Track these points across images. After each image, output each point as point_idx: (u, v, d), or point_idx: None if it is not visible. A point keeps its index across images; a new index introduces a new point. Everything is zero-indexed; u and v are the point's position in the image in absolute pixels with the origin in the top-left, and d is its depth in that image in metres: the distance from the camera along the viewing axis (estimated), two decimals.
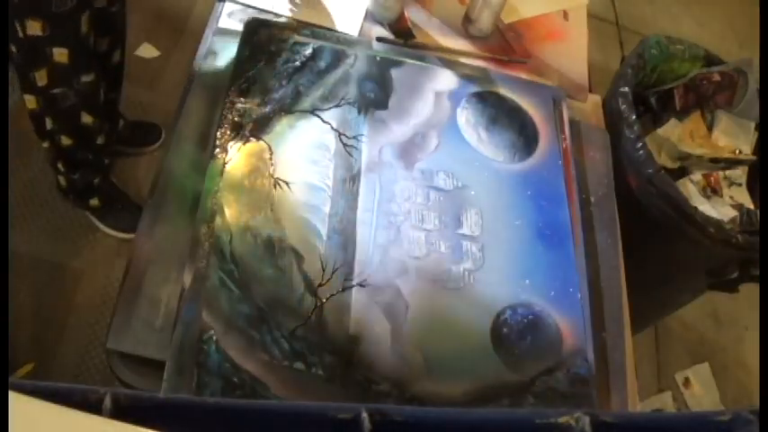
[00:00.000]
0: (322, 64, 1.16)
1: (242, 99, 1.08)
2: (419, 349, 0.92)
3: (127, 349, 0.88)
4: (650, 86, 1.67)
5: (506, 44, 1.36)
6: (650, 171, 1.39)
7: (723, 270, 1.50)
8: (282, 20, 1.24)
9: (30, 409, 0.37)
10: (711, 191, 1.53)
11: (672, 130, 1.61)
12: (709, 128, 1.63)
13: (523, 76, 1.30)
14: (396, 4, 1.30)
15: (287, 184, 1.02)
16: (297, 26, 1.23)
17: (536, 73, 1.32)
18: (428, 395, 0.88)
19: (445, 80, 1.21)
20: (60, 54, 1.33)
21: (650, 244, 1.44)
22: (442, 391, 0.89)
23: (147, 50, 2.18)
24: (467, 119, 1.18)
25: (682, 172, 1.58)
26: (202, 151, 1.05)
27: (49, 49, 1.32)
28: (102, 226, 1.81)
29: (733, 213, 1.48)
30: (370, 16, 1.31)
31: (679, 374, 2.02)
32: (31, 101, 1.45)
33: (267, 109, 1.08)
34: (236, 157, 1.02)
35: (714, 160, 1.56)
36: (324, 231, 0.98)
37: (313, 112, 1.10)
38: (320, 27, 1.25)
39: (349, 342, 0.90)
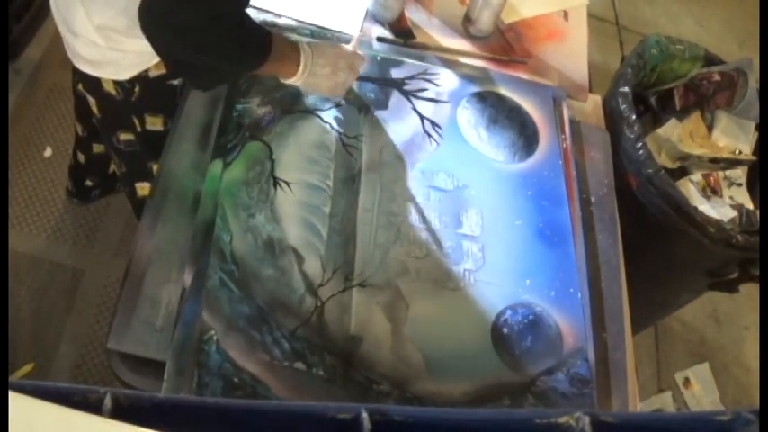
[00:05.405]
0: None
1: (242, 99, 1.08)
2: (419, 349, 0.92)
3: (127, 349, 0.88)
4: (650, 86, 1.67)
5: (506, 44, 1.36)
6: (650, 171, 1.39)
7: (723, 270, 1.49)
8: (283, 20, 1.24)
9: (30, 409, 0.37)
10: (711, 191, 1.53)
11: (672, 130, 1.61)
12: (709, 128, 1.63)
13: (524, 76, 1.30)
14: (396, 4, 1.30)
15: (287, 184, 1.02)
16: (297, 26, 1.23)
17: (536, 73, 1.32)
18: (428, 395, 0.88)
19: (445, 80, 1.21)
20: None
21: (650, 244, 1.44)
22: (442, 390, 0.89)
23: None
24: (467, 119, 1.18)
25: (682, 172, 1.58)
26: (202, 151, 1.05)
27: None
28: None
29: (733, 213, 1.48)
30: (370, 16, 1.31)
31: (679, 374, 2.01)
32: (145, 188, 1.36)
33: (267, 109, 1.08)
34: (236, 157, 1.02)
35: (714, 160, 1.55)
36: (324, 231, 0.98)
37: (313, 112, 1.10)
38: (320, 27, 1.25)
39: (349, 342, 0.90)
